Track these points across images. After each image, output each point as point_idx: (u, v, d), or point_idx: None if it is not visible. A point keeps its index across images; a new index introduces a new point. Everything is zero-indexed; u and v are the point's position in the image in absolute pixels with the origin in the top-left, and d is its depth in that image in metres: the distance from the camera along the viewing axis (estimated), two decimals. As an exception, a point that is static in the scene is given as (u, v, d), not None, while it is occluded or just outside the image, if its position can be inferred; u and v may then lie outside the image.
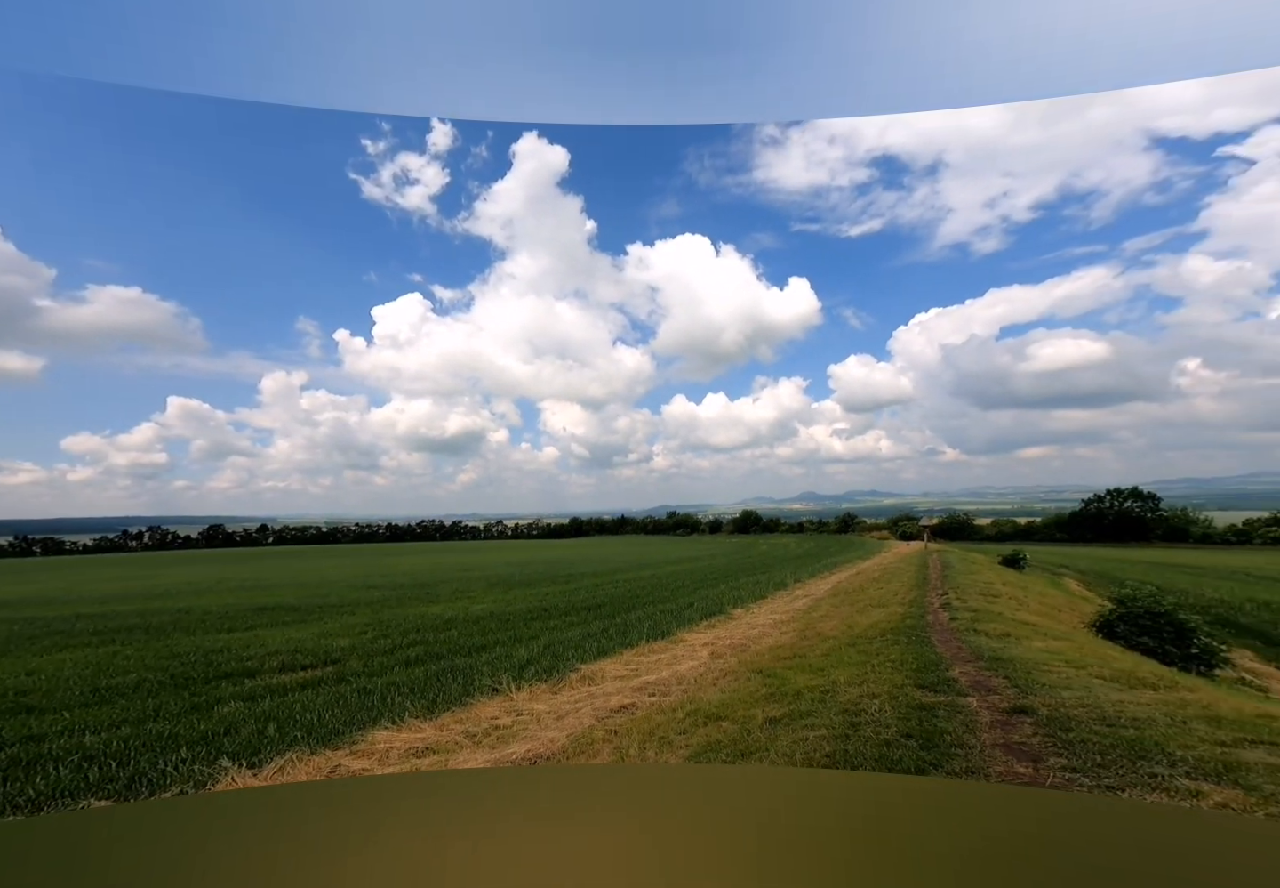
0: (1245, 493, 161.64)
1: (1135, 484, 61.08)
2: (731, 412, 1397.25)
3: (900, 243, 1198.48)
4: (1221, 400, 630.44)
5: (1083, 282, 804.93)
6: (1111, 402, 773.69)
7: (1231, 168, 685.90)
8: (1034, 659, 6.00)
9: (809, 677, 6.21)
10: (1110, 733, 3.53)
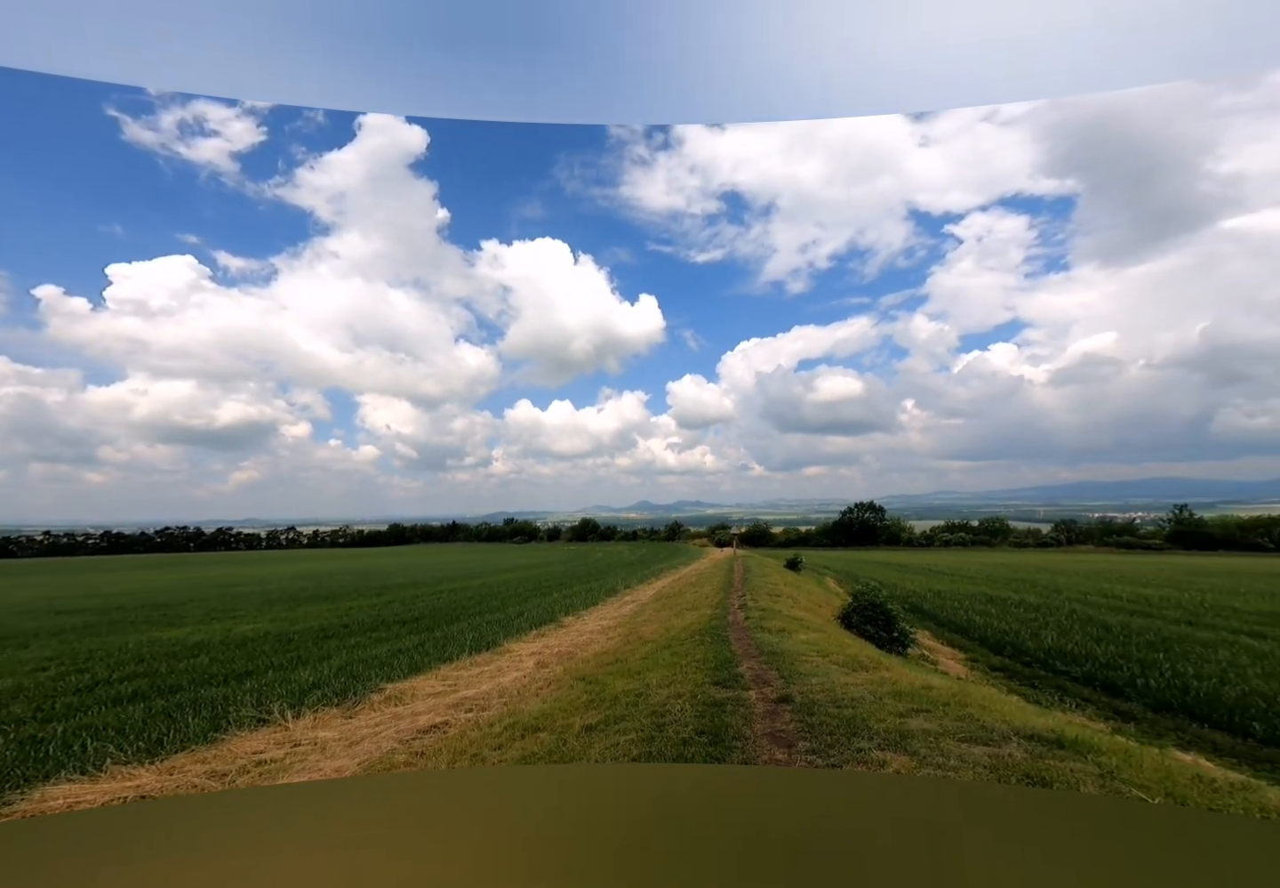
0: (932, 506, 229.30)
1: (871, 499, 78.45)
2: (576, 420, 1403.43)
3: (735, 274, 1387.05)
4: (924, 434, 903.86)
5: (853, 328, 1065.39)
6: (862, 431, 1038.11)
7: (950, 244, 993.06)
8: (797, 651, 7.29)
9: (627, 681, 6.41)
10: (837, 713, 4.41)
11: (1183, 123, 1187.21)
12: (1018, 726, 3.79)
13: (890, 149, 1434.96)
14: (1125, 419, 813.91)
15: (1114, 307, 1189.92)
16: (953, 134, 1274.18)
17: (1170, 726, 6.94)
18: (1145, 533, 62.27)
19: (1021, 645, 11.07)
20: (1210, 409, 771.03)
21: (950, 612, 15.57)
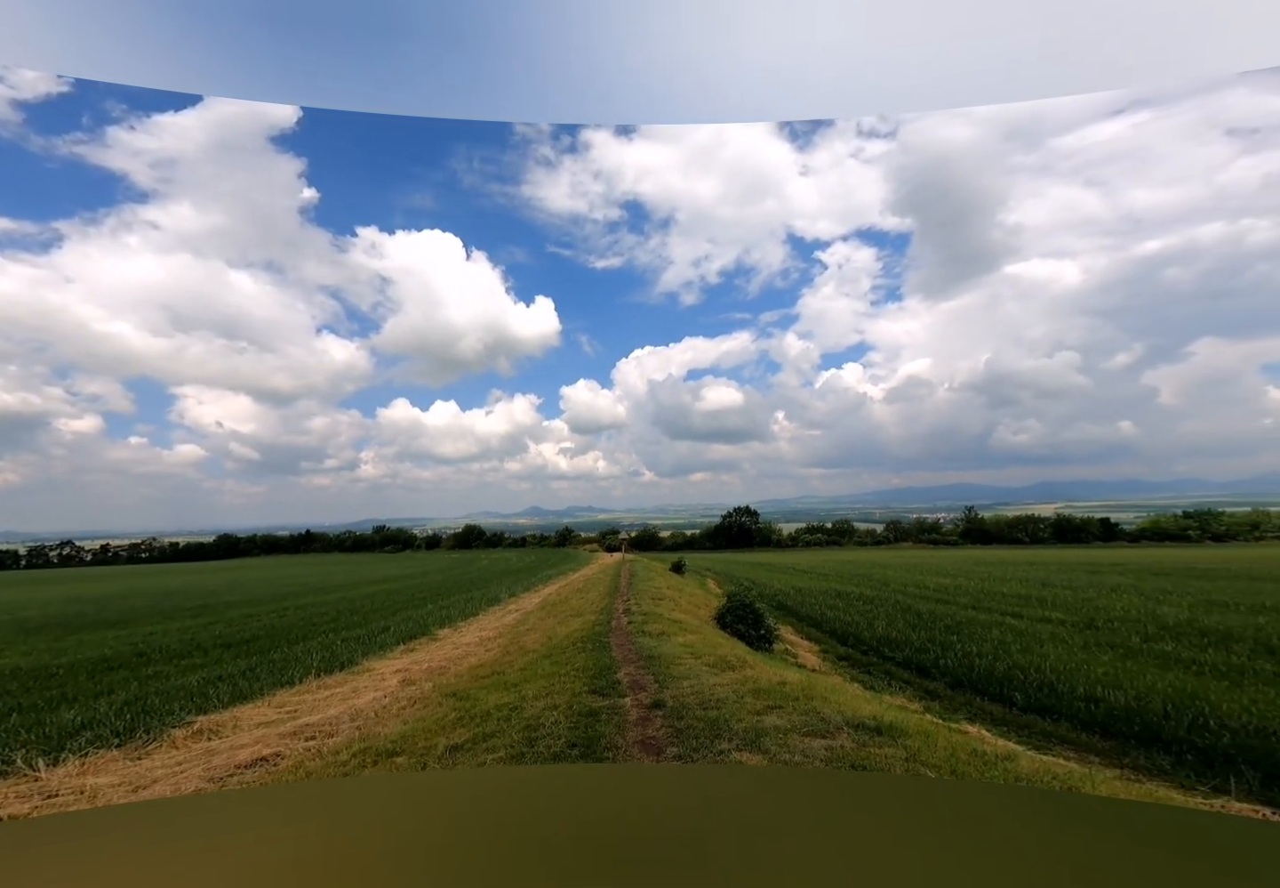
0: (797, 510, 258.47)
1: (747, 504, 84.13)
2: (462, 422, 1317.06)
3: (633, 282, 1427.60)
4: (791, 443, 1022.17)
5: (736, 342, 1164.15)
6: (741, 439, 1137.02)
7: (817, 268, 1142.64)
8: (674, 654, 7.43)
9: (502, 694, 6.09)
10: (704, 715, 4.51)
11: (986, 175, 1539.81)
12: (849, 716, 4.19)
13: (776, 175, 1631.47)
14: (934, 433, 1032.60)
15: (929, 336, 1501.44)
16: (826, 166, 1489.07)
17: (963, 701, 7.96)
18: (946, 531, 75.67)
19: (860, 635, 12.35)
20: (990, 426, 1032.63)
21: (808, 607, 16.94)
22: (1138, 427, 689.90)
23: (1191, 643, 9.40)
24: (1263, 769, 4.82)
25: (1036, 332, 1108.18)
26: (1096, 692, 7.05)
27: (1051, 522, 67.74)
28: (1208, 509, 64.51)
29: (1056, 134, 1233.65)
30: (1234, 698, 6.40)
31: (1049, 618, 12.59)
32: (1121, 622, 11.54)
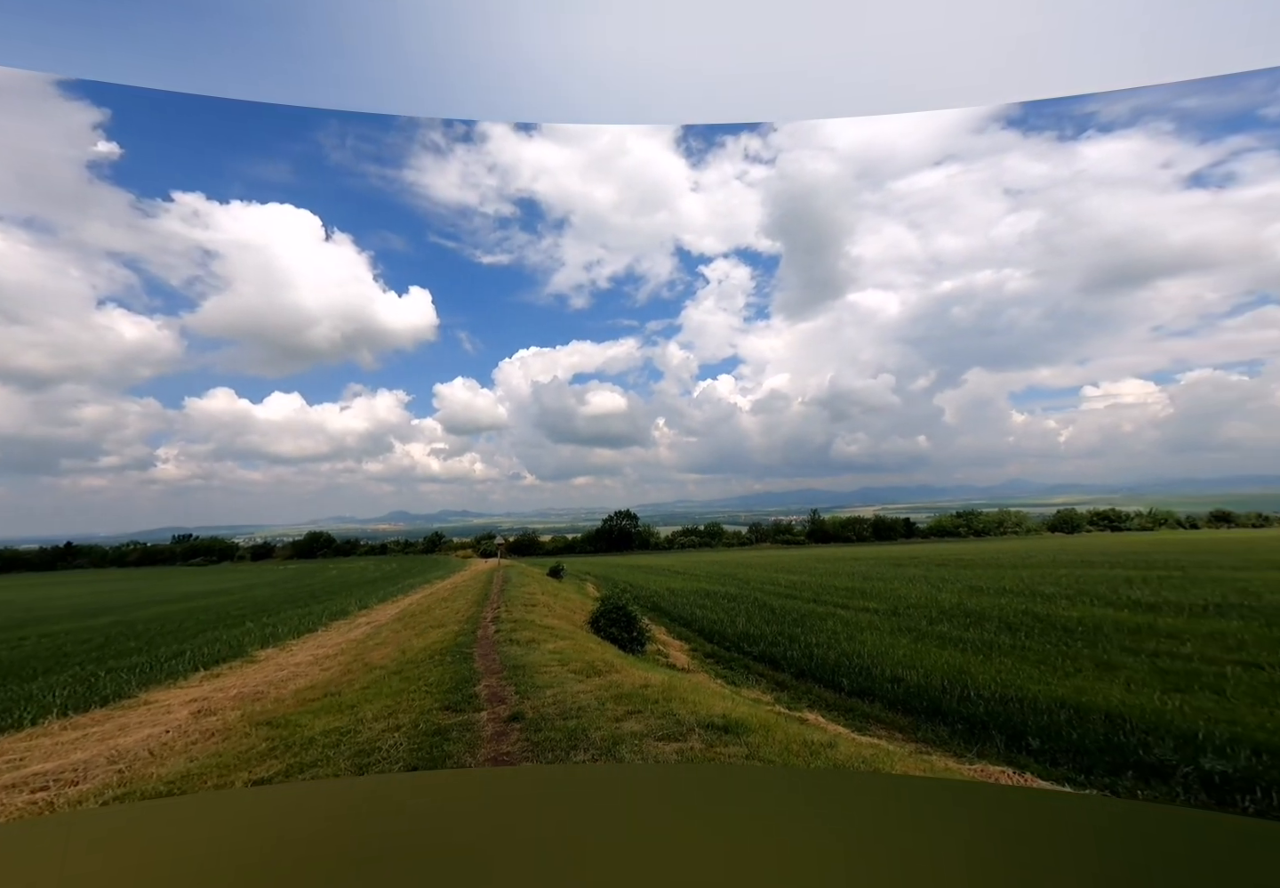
0: (674, 513, 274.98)
1: (628, 507, 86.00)
2: (309, 417, 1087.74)
3: (522, 281, 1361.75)
4: (670, 449, 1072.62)
5: (622, 348, 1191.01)
6: (624, 444, 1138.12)
7: (700, 282, 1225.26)
8: (541, 662, 7.10)
9: (333, 718, 5.35)
10: (563, 726, 4.32)
11: (840, 209, 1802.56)
12: (702, 716, 4.34)
13: (670, 188, 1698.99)
14: (789, 443, 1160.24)
15: (789, 353, 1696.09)
16: (715, 185, 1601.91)
17: (804, 689, 8.64)
18: (796, 532, 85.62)
19: (724, 632, 13.03)
20: (830, 438, 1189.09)
21: (680, 608, 17.58)
22: (930, 440, 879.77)
23: (959, 624, 11.32)
24: (1005, 732, 5.72)
25: (866, 355, 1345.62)
26: (899, 673, 8.10)
27: (871, 522, 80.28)
28: (971, 510, 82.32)
29: (894, 177, 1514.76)
30: (986, 670, 7.72)
31: (868, 608, 14.48)
32: (915, 608, 13.61)
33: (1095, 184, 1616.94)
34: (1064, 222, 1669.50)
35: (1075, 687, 6.77)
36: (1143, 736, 5.26)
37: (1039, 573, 19.85)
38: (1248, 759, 4.66)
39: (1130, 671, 7.26)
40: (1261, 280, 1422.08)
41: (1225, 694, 6.17)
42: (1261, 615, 9.89)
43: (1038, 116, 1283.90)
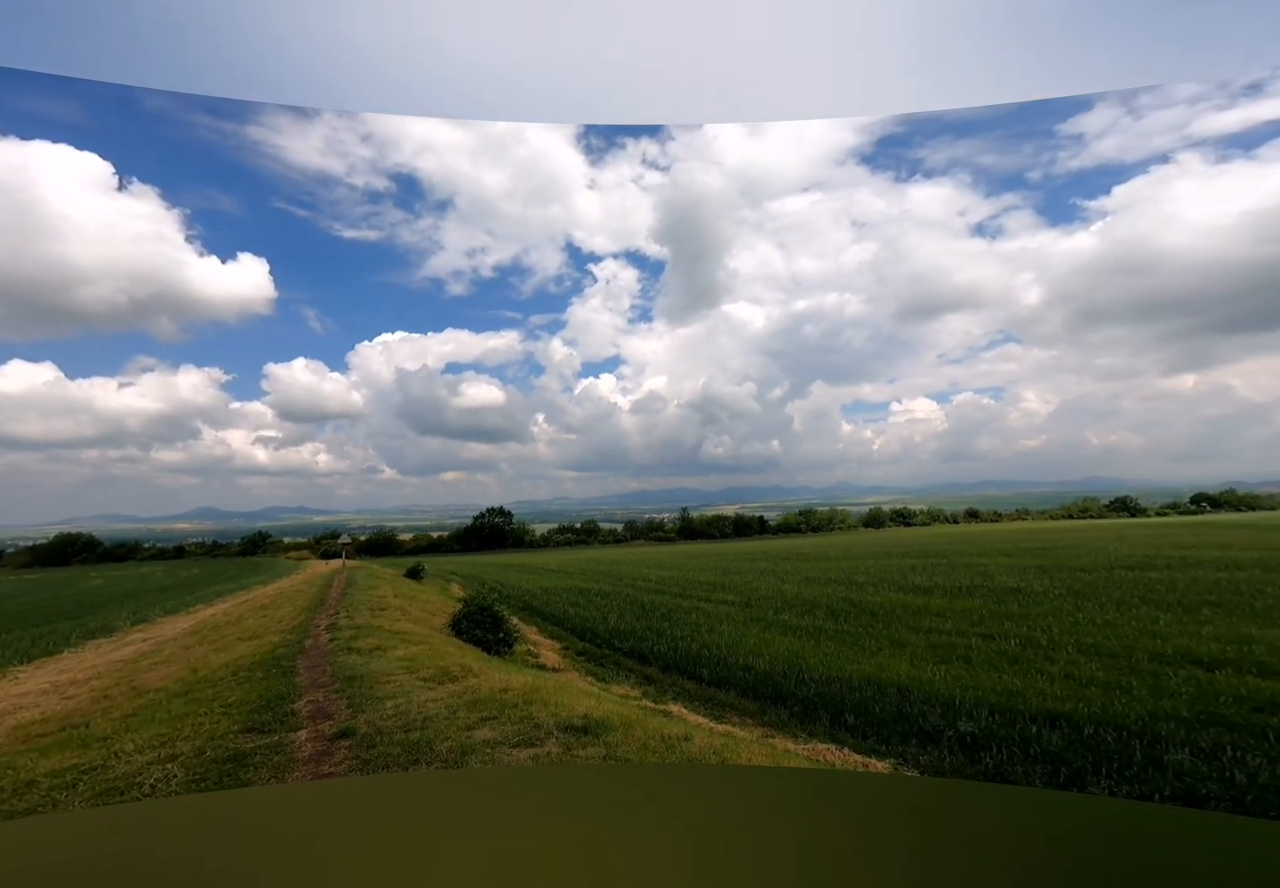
0: (550, 511, 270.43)
1: (502, 504, 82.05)
2: (69, 392, 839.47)
3: (392, 261, 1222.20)
4: (549, 446, 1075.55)
5: (504, 340, 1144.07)
6: (500, 439, 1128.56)
7: (589, 281, 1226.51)
8: (384, 671, 6.30)
9: (71, 755, 4.38)
10: (403, 739, 3.84)
11: (723, 222, 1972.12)
12: (563, 718, 4.20)
13: (566, 183, 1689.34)
14: (665, 443, 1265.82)
15: (669, 356, 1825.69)
16: (612, 185, 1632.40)
17: (670, 682, 8.86)
18: (668, 529, 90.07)
19: (596, 629, 12.98)
20: (700, 440, 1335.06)
21: (553, 606, 17.21)
22: (781, 445, 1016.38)
23: (797, 612, 12.68)
24: (830, 711, 6.31)
25: (735, 363, 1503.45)
26: (750, 661, 8.69)
27: (733, 520, 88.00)
28: (810, 509, 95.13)
29: (770, 198, 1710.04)
30: (816, 654, 8.67)
31: (726, 600, 15.60)
32: (764, 599, 14.99)
33: (914, 223, 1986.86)
34: (890, 255, 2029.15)
35: (877, 664, 7.89)
36: (921, 705, 6.07)
37: (854, 564, 23.32)
38: (987, 720, 5.51)
39: (913, 647, 8.66)
40: (1009, 321, 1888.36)
41: (972, 663, 7.50)
42: (994, 594, 12.82)
43: (884, 156, 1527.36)
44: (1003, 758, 4.83)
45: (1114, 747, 4.73)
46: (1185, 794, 4.02)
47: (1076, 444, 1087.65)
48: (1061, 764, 4.60)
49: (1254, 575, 13.04)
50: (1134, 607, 10.36)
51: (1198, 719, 5.28)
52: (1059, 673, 6.84)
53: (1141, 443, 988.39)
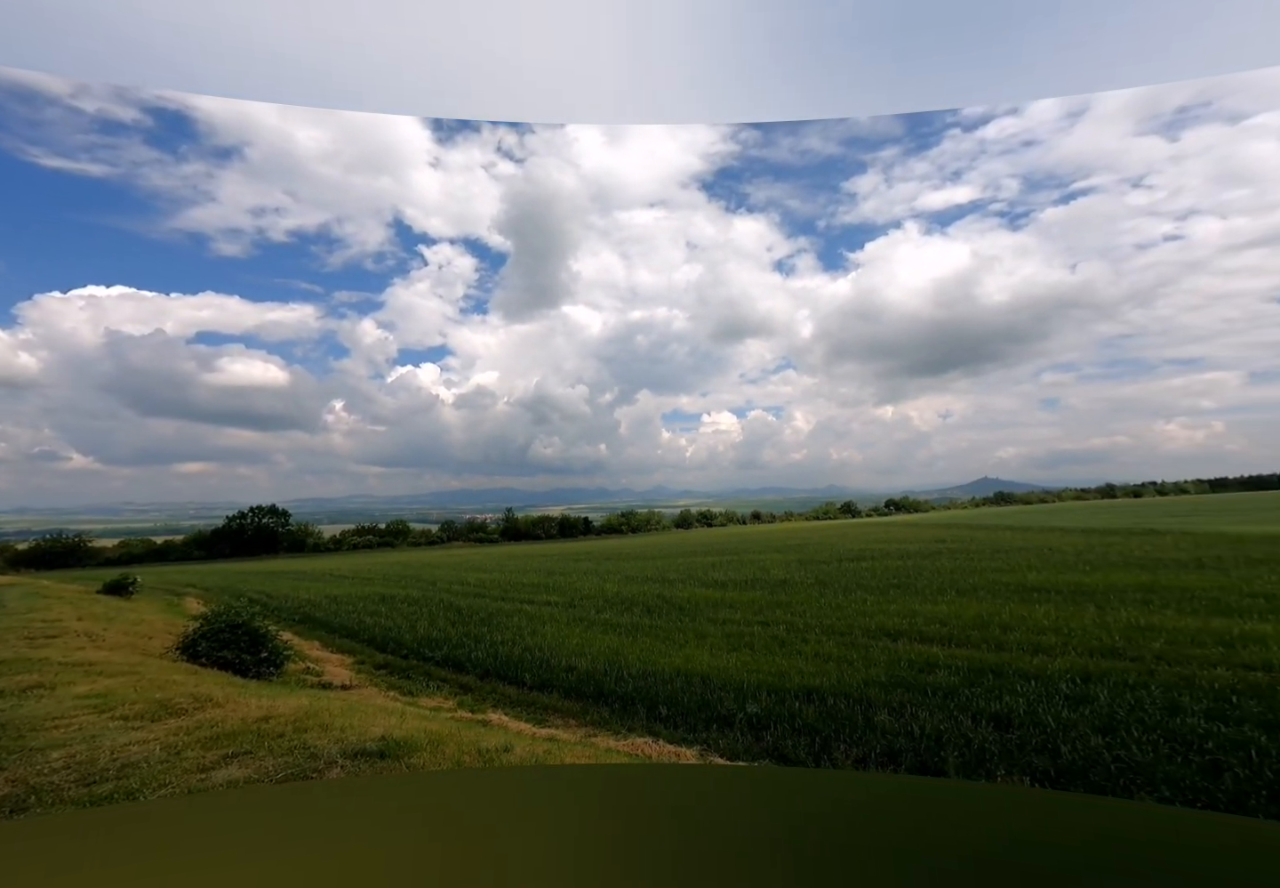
0: (347, 510, 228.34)
1: (275, 502, 66.95)
2: None
3: (122, 202, 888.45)
4: (348, 437, 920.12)
5: (295, 314, 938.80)
6: (277, 427, 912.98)
7: (417, 263, 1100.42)
8: (51, 714, 4.37)
9: None
10: (85, 794, 2.72)
11: (572, 224, 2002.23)
12: (351, 743, 3.50)
13: (404, 156, 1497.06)
14: (492, 441, 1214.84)
15: (502, 352, 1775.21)
16: (459, 168, 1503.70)
17: (489, 689, 8.30)
18: (491, 530, 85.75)
19: (401, 639, 11.52)
20: (530, 439, 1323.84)
21: (344, 616, 14.89)
22: (608, 448, 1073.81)
23: (617, 610, 13.18)
24: (646, 705, 6.53)
25: (570, 365, 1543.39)
26: (572, 661, 8.67)
27: (559, 521, 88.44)
28: (631, 510, 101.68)
29: (620, 208, 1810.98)
30: (634, 650, 9.05)
31: (550, 601, 15.43)
32: (587, 599, 15.28)
33: (734, 252, 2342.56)
34: (712, 278, 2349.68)
35: (685, 656, 8.61)
36: (719, 692, 6.61)
37: (667, 563, 25.38)
38: (766, 700, 6.09)
39: (713, 638, 9.69)
40: (789, 350, 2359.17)
41: (755, 649, 8.61)
42: (769, 586, 15.30)
43: (720, 186, 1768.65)
44: (779, 735, 5.43)
45: (846, 714, 5.65)
46: (888, 750, 4.84)
47: (824, 458, 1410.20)
48: (815, 735, 5.33)
49: (917, 563, 18.36)
50: (853, 591, 13.29)
51: (891, 682, 6.43)
52: (811, 652, 8.21)
53: (861, 458, 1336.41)
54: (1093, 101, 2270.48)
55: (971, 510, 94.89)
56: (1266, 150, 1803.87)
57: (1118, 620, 8.68)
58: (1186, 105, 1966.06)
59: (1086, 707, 5.34)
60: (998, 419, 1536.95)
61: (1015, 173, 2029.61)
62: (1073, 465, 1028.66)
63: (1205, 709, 5.18)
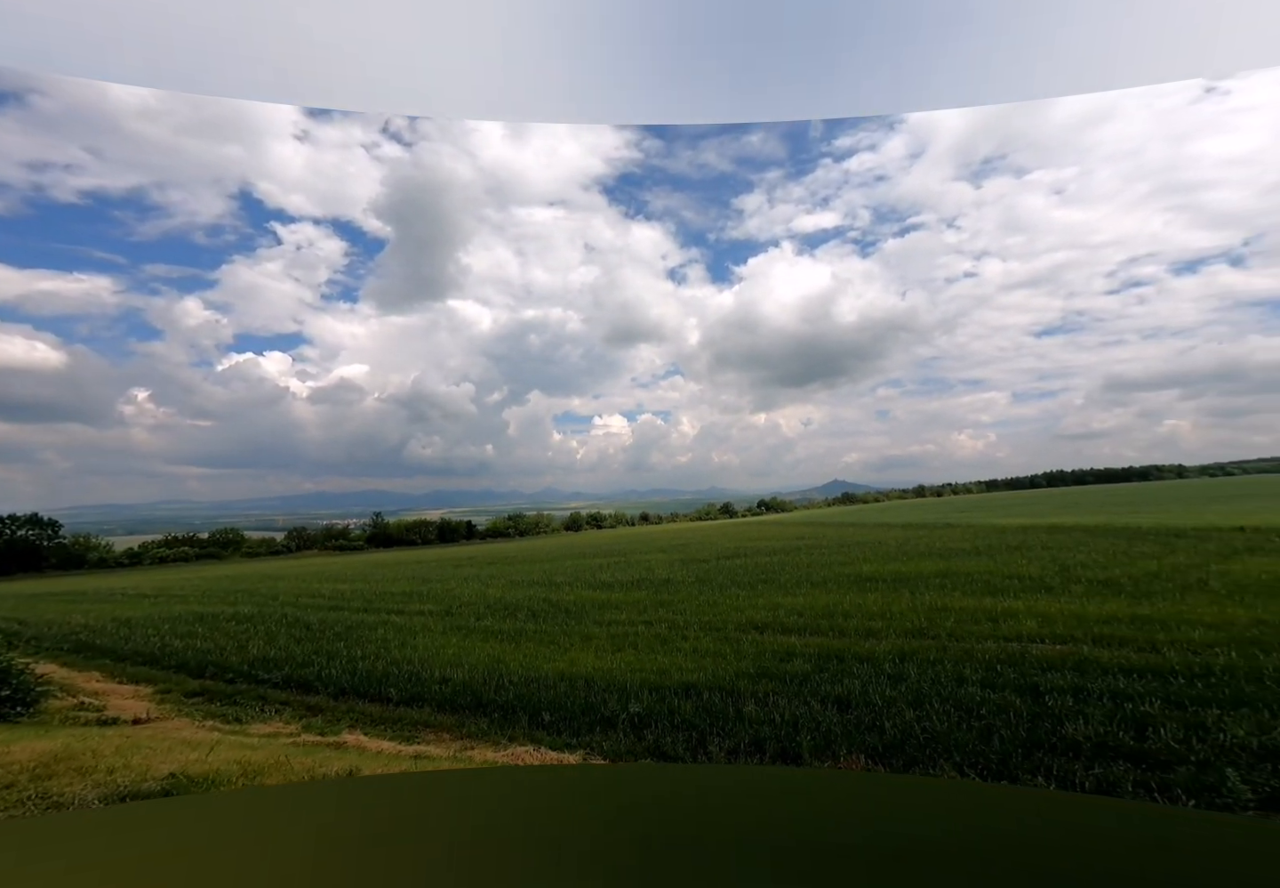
0: (153, 517, 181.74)
1: (41, 510, 52.62)
2: None
3: None
4: (157, 434, 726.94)
5: (80, 285, 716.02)
6: (47, 418, 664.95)
7: (268, 240, 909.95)
8: None
9: None
10: None
11: (465, 215, 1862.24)
12: (124, 786, 2.93)
13: (263, 123, 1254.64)
14: (358, 440, 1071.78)
15: (375, 344, 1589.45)
16: (334, 144, 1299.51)
17: (345, 708, 7.49)
18: (354, 536, 76.75)
19: (226, 662, 9.97)
20: (405, 439, 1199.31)
21: (139, 641, 12.30)
22: (495, 450, 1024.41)
23: (500, 616, 12.76)
24: (528, 712, 6.40)
25: (455, 361, 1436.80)
26: (447, 672, 8.21)
27: (437, 525, 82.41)
28: (518, 513, 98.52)
29: (518, 204, 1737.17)
30: (517, 656, 8.81)
31: (424, 610, 14.34)
32: (466, 606, 14.51)
33: (630, 257, 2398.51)
34: (608, 281, 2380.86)
35: (570, 660, 8.61)
36: (603, 693, 6.66)
37: (555, 565, 25.09)
38: (648, 699, 6.24)
39: (598, 639, 9.79)
40: (678, 356, 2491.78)
41: (639, 648, 8.86)
42: (654, 585, 15.89)
43: (621, 191, 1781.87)
44: (659, 732, 5.61)
45: (719, 707, 5.95)
46: (755, 740, 5.16)
47: (707, 461, 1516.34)
48: (693, 730, 5.57)
49: (781, 559, 20.70)
50: (728, 588, 14.37)
51: (758, 673, 6.79)
52: (690, 648, 8.68)
53: (739, 462, 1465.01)
54: (929, 143, 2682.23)
55: (825, 509, 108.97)
56: (1038, 203, 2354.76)
57: (924, 604, 10.48)
58: (990, 156, 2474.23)
59: (903, 684, 6.25)
60: (845, 428, 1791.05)
61: (868, 204, 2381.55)
62: (897, 469, 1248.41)
63: (980, 679, 6.20)
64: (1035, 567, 14.02)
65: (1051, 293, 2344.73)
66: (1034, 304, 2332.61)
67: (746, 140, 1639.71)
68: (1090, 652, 6.92)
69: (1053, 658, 6.80)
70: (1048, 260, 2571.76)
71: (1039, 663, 6.65)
